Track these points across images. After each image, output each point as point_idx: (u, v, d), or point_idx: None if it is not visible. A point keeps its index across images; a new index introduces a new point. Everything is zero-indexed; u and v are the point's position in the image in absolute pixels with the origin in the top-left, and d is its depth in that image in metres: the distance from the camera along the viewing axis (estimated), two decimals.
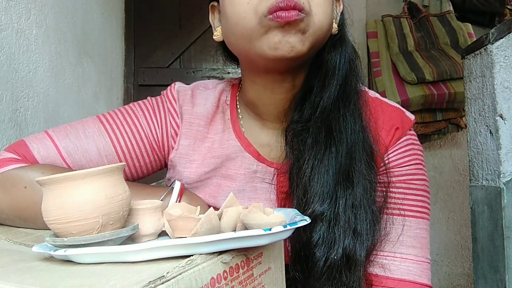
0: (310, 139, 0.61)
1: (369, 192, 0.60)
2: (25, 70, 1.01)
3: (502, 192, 1.01)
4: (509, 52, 1.03)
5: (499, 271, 1.00)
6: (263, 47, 0.55)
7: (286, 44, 0.54)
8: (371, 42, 2.02)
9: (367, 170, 0.61)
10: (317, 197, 0.58)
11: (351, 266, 0.58)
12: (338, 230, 0.58)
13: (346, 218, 0.58)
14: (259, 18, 0.53)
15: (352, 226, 0.58)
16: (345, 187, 0.59)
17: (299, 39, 0.54)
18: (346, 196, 0.59)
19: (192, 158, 0.68)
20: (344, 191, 0.59)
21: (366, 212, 0.59)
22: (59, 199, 0.38)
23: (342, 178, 0.59)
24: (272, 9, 0.52)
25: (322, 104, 0.61)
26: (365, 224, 0.59)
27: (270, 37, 0.54)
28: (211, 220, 0.39)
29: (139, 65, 2.02)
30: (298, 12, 0.53)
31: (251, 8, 0.54)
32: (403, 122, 0.67)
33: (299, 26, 0.54)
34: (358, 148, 0.61)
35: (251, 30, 0.55)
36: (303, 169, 0.60)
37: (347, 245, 0.57)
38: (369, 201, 0.60)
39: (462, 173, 2.11)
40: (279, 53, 0.54)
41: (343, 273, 0.57)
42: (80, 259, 0.36)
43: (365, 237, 0.59)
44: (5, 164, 0.60)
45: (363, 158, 0.61)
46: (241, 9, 0.55)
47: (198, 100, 0.70)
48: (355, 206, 0.59)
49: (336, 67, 0.62)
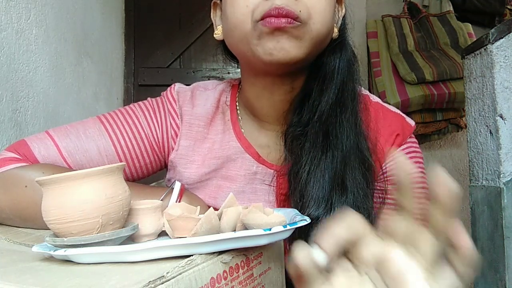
0: (308, 143, 0.61)
1: (365, 199, 0.60)
2: (25, 70, 1.01)
3: (502, 192, 1.00)
4: (509, 52, 1.03)
5: (499, 271, 1.00)
6: (259, 51, 0.56)
7: (280, 49, 0.54)
8: (371, 42, 2.02)
9: (362, 177, 0.60)
10: (313, 201, 0.58)
11: None
12: None
13: None
14: (253, 22, 0.54)
15: None
16: (340, 193, 0.59)
17: (294, 44, 0.54)
18: (341, 202, 0.58)
19: (192, 159, 0.68)
20: (339, 197, 0.59)
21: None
22: (59, 199, 0.38)
23: (337, 183, 0.59)
24: (264, 16, 0.53)
25: (321, 108, 0.61)
26: None
27: (264, 42, 0.55)
28: (211, 220, 0.39)
29: (139, 65, 2.02)
30: (291, 20, 0.53)
31: (249, 12, 0.55)
32: (404, 128, 0.66)
33: (291, 33, 0.54)
34: (353, 154, 0.60)
35: (247, 34, 0.55)
36: (300, 173, 0.60)
37: None
38: (364, 208, 0.59)
39: (462, 173, 2.11)
40: (274, 58, 0.55)
41: None
42: (80, 259, 0.36)
43: None
44: (6, 164, 0.60)
45: (357, 165, 0.60)
46: (240, 12, 0.55)
47: (198, 101, 0.70)
48: None
49: (334, 71, 0.62)
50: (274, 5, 0.52)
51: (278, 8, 0.52)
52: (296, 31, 0.54)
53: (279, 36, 0.54)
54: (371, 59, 1.99)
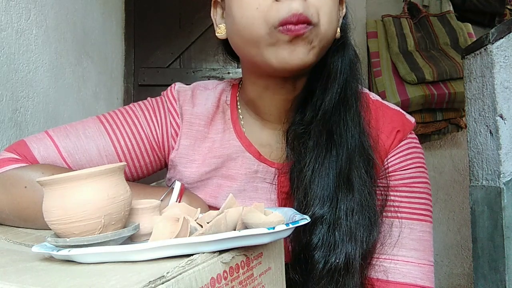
0: (312, 141, 0.61)
1: (369, 196, 0.60)
2: (25, 70, 1.01)
3: (502, 192, 1.00)
4: (509, 52, 1.03)
5: (499, 271, 1.00)
6: (271, 58, 0.55)
7: (294, 58, 0.54)
8: (371, 42, 2.02)
9: (367, 175, 0.61)
10: (317, 199, 0.58)
11: (349, 271, 0.57)
12: (340, 234, 0.57)
13: (348, 222, 0.58)
14: (269, 28, 0.53)
15: (353, 231, 0.58)
16: (346, 191, 0.59)
17: (307, 50, 0.54)
18: (347, 200, 0.59)
19: (193, 158, 0.68)
20: (345, 195, 0.59)
21: (365, 217, 0.59)
22: (61, 199, 0.38)
23: (343, 182, 0.59)
24: (282, 22, 0.52)
25: (324, 107, 0.61)
26: (364, 229, 0.59)
27: (279, 50, 0.54)
28: (220, 225, 0.39)
29: (139, 65, 2.02)
30: (306, 25, 0.53)
31: (261, 15, 0.53)
32: (404, 125, 0.67)
33: (308, 39, 0.54)
34: (357, 153, 0.61)
35: (260, 38, 0.54)
36: (304, 172, 0.60)
37: (348, 249, 0.57)
38: (369, 206, 0.60)
39: (462, 173, 2.11)
40: (288, 66, 0.55)
41: (342, 277, 0.57)
42: (83, 259, 0.36)
43: (364, 242, 0.59)
44: (5, 164, 0.60)
45: (362, 163, 0.61)
46: (250, 14, 0.54)
47: (198, 100, 0.70)
48: (356, 211, 0.59)
49: (337, 70, 0.62)
50: (293, 12, 0.51)
51: (298, 15, 0.52)
52: (310, 35, 0.54)
53: (296, 44, 0.53)
54: (371, 59, 1.99)
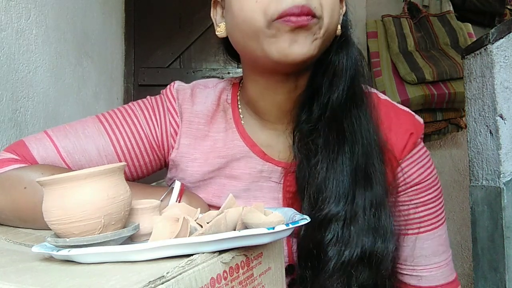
0: (321, 139, 0.61)
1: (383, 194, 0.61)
2: (25, 70, 1.01)
3: (502, 192, 1.00)
4: (509, 52, 1.03)
5: (499, 271, 1.00)
6: (272, 50, 0.54)
7: (296, 49, 0.53)
8: (371, 42, 2.02)
9: (380, 174, 0.61)
10: (333, 197, 0.58)
11: (373, 263, 0.58)
12: (356, 229, 0.58)
13: (366, 217, 0.59)
14: (268, 21, 0.52)
15: (372, 225, 0.59)
16: (364, 186, 0.59)
17: (309, 42, 0.54)
18: (366, 195, 0.59)
19: (194, 157, 0.67)
20: (363, 190, 0.59)
21: (387, 211, 0.60)
22: (61, 199, 0.38)
23: (360, 177, 0.59)
24: (283, 14, 0.51)
25: (332, 105, 0.61)
26: (387, 221, 0.60)
27: (280, 42, 0.53)
28: (220, 225, 0.39)
29: (139, 65, 2.02)
30: (310, 17, 0.52)
31: (260, 8, 0.53)
32: (416, 126, 0.66)
33: (310, 30, 0.53)
34: (374, 148, 0.61)
35: (259, 31, 0.54)
36: (317, 170, 0.60)
37: (366, 243, 0.58)
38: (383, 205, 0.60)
39: (462, 173, 2.11)
40: (289, 58, 0.54)
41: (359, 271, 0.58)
42: (83, 259, 0.36)
43: (388, 234, 0.60)
44: (4, 165, 0.60)
45: (376, 161, 0.61)
46: (249, 7, 0.54)
47: (198, 98, 0.69)
48: (376, 205, 0.59)
49: (343, 68, 0.62)
50: (295, 4, 0.51)
51: (300, 7, 0.51)
52: (314, 27, 0.53)
53: (298, 35, 0.52)
54: (371, 59, 1.99)
